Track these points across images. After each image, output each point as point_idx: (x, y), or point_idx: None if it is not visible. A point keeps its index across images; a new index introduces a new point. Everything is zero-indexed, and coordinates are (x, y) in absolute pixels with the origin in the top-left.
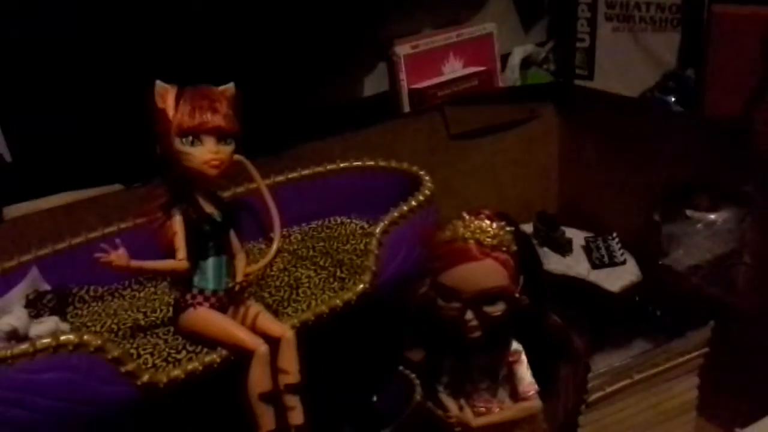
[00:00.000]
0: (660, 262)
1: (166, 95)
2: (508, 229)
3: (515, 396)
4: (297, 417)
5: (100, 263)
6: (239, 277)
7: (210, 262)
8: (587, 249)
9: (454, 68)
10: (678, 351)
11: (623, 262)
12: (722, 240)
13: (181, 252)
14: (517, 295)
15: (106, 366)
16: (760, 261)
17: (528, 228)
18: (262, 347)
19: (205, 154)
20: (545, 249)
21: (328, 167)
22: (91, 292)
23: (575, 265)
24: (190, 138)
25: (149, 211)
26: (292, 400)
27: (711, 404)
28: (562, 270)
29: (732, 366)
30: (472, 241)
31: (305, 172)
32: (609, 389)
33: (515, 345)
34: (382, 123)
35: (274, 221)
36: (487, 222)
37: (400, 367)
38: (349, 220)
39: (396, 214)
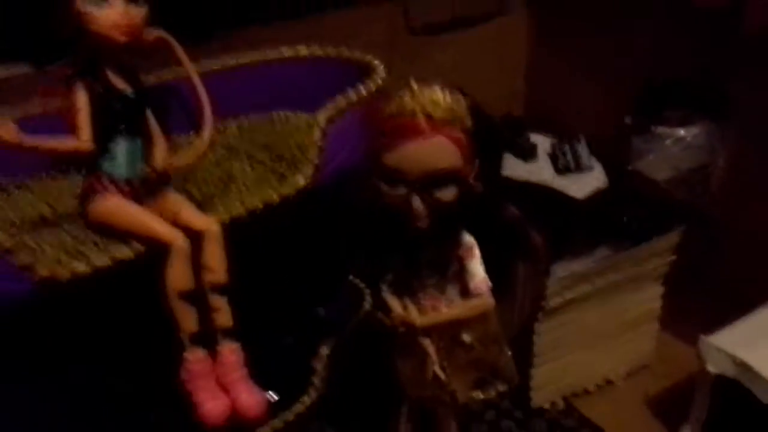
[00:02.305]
0: (629, 168)
1: None
2: (462, 101)
3: (466, 294)
4: (224, 319)
5: None
6: (158, 164)
7: (121, 145)
8: (553, 155)
9: None
10: (643, 256)
11: (590, 168)
12: (692, 155)
13: (85, 132)
14: (471, 181)
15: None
16: (737, 160)
17: None
18: (180, 240)
19: (112, 15)
20: (507, 154)
21: (272, 55)
22: None
23: (538, 171)
24: None
25: (53, 90)
26: (219, 301)
27: (674, 314)
28: (524, 176)
29: (698, 275)
30: (421, 115)
31: (244, 59)
32: (569, 296)
33: (467, 238)
34: (334, 11)
35: (204, 109)
36: (439, 93)
37: (350, 276)
38: (293, 114)
39: (343, 102)
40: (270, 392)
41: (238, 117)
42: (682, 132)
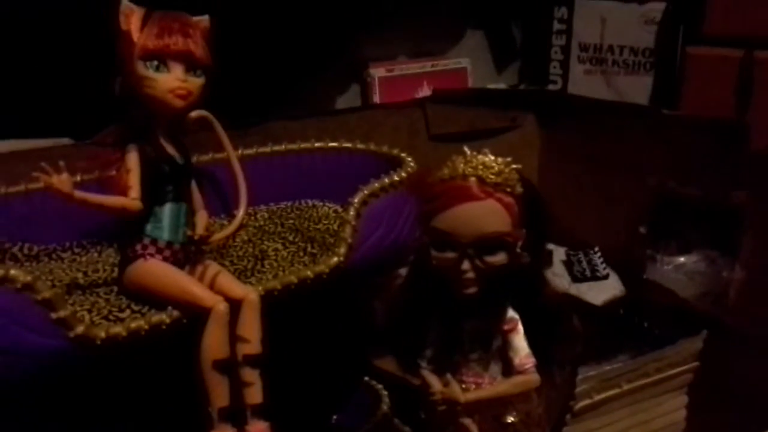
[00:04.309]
0: (645, 277)
1: (131, 15)
2: (514, 166)
3: (509, 372)
4: (255, 395)
5: (43, 184)
6: (200, 230)
7: (167, 209)
8: (568, 263)
9: None
10: (669, 361)
11: (606, 276)
12: (696, 281)
13: (134, 191)
14: (518, 250)
15: (34, 309)
16: (755, 272)
17: None
18: (221, 305)
19: (171, 81)
20: None
21: (302, 146)
22: (26, 250)
23: (554, 279)
24: (155, 62)
25: (103, 154)
26: (251, 375)
27: (699, 426)
28: None
29: (721, 387)
30: (473, 179)
31: (277, 148)
32: (597, 397)
33: (511, 312)
34: (360, 111)
35: (240, 188)
36: (492, 157)
37: (366, 378)
38: (321, 203)
39: (377, 185)
40: None
41: (268, 203)
42: (681, 259)
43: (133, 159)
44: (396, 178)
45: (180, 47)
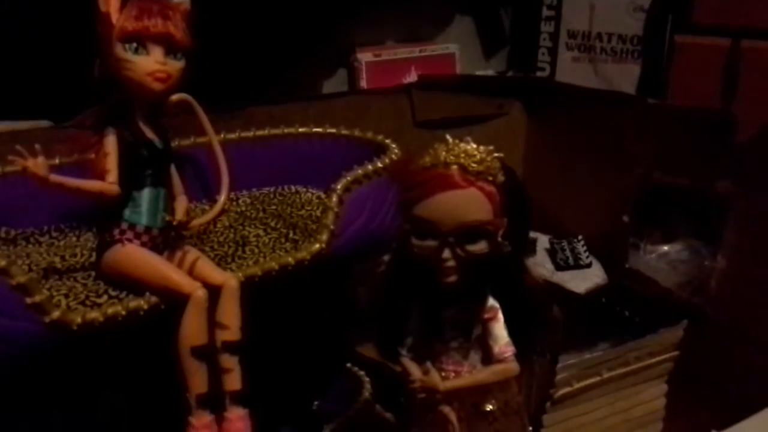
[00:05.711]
0: (627, 266)
1: None
2: (496, 155)
3: (489, 360)
4: (234, 382)
5: (19, 167)
6: (179, 216)
7: (145, 194)
8: (551, 251)
9: None
10: (649, 350)
11: (588, 265)
12: (678, 270)
13: (112, 174)
14: (499, 239)
15: (8, 294)
16: (737, 262)
17: None
18: (199, 291)
19: (151, 64)
20: None
21: (286, 130)
22: (2, 233)
23: (538, 267)
24: (134, 45)
25: (82, 137)
26: (230, 361)
27: (678, 414)
28: None
29: (700, 376)
30: (455, 167)
31: (260, 132)
32: (577, 385)
33: (491, 301)
34: (346, 96)
35: (221, 173)
36: (474, 146)
37: (348, 364)
38: (304, 189)
39: (360, 172)
40: None
41: (250, 188)
42: (665, 248)
43: (111, 142)
44: (380, 164)
45: (159, 29)
